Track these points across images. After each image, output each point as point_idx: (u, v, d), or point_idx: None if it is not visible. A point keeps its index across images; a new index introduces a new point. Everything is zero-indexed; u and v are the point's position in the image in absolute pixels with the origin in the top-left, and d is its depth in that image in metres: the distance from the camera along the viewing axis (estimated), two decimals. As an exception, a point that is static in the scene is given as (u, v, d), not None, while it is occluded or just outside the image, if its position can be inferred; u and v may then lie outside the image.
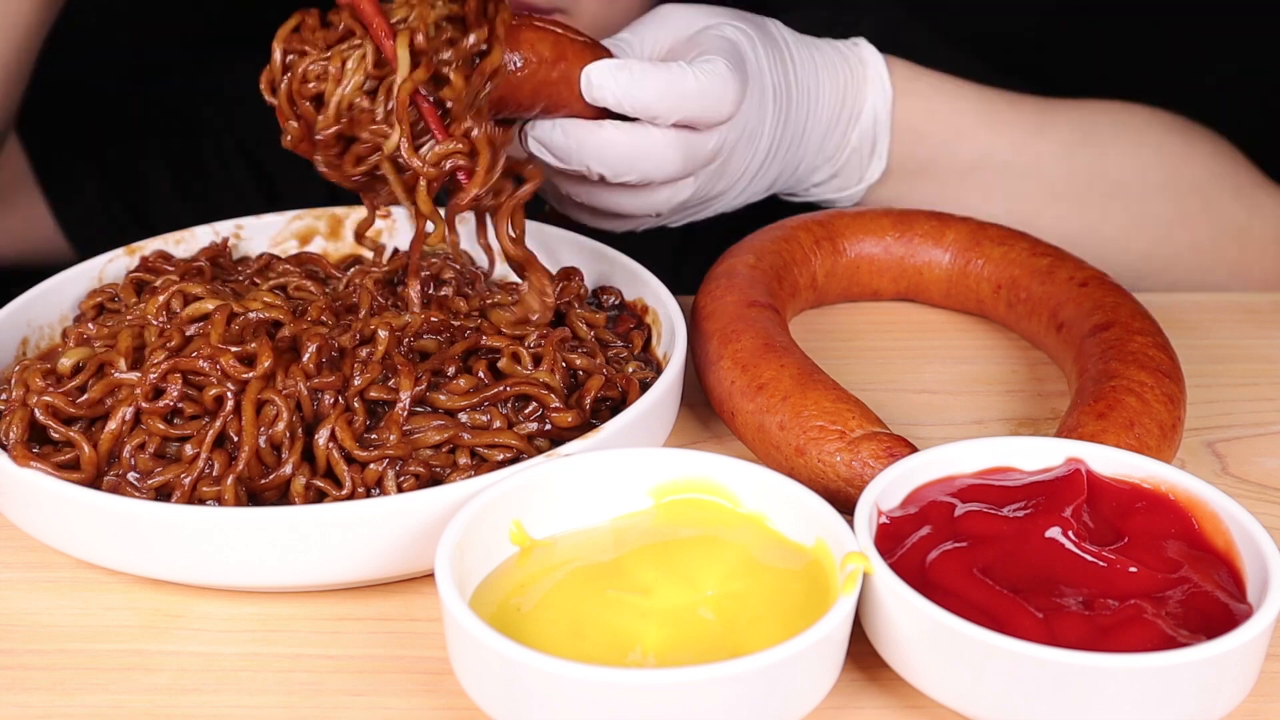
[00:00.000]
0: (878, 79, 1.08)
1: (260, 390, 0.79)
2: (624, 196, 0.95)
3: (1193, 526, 0.73)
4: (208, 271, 0.94)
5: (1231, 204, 1.19)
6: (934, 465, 0.76)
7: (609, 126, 0.91)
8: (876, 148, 1.09)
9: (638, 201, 0.96)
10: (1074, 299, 0.95)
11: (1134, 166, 1.16)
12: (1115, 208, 1.16)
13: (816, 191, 1.11)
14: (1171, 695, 0.64)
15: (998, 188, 1.14)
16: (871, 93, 1.07)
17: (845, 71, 1.06)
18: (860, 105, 1.07)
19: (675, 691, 0.62)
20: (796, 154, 1.04)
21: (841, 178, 1.10)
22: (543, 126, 0.91)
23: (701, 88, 0.90)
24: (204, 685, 0.72)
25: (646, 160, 0.92)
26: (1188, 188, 1.17)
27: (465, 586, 0.70)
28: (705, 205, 1.02)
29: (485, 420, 0.82)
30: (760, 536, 0.74)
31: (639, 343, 0.93)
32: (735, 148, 0.97)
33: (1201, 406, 0.94)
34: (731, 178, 1.00)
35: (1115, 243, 1.16)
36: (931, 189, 1.13)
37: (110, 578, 0.80)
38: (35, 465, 0.77)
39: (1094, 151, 1.16)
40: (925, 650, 0.67)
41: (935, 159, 1.12)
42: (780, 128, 1.01)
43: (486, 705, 0.67)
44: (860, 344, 1.03)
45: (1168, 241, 1.17)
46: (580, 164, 0.91)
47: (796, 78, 1.02)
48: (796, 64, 1.02)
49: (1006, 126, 1.14)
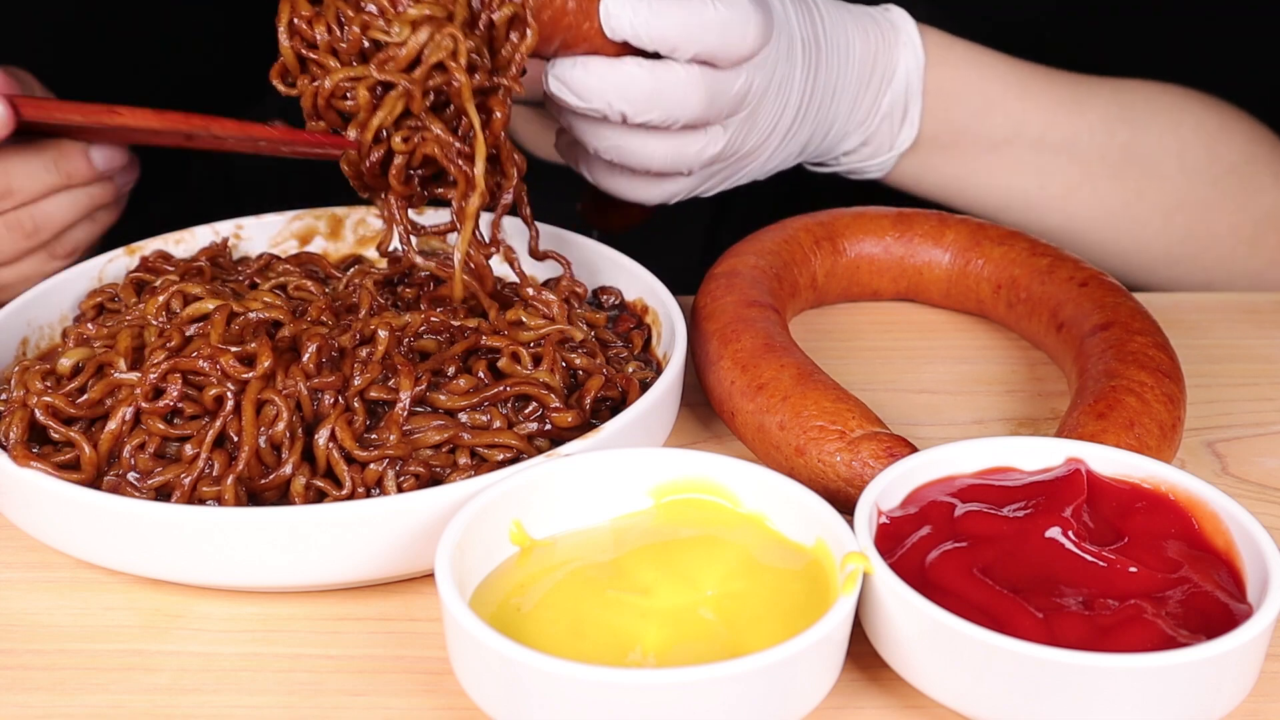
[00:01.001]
0: (910, 43, 1.06)
1: (260, 390, 0.79)
2: (652, 143, 0.93)
3: (1193, 526, 0.73)
4: (208, 271, 0.94)
5: (1272, 188, 1.16)
6: (934, 465, 0.76)
7: (629, 62, 0.89)
8: (908, 114, 1.07)
9: (666, 150, 0.93)
10: (1074, 299, 0.95)
11: (1172, 146, 1.14)
12: (1151, 187, 1.13)
13: (847, 160, 1.09)
14: (1171, 695, 0.64)
15: (1030, 162, 1.12)
16: (904, 56, 1.05)
17: (876, 33, 1.04)
18: (893, 68, 1.05)
19: (675, 691, 0.62)
20: (828, 115, 1.03)
21: (872, 145, 1.08)
22: (562, 64, 0.90)
23: (721, 19, 0.88)
24: (204, 685, 0.72)
25: (669, 97, 0.90)
26: (1225, 169, 1.15)
27: (465, 586, 0.70)
28: (737, 166, 1.00)
29: (485, 420, 0.82)
30: (760, 536, 0.74)
31: (639, 343, 0.93)
32: (764, 96, 0.95)
33: (1201, 406, 0.94)
34: (762, 132, 0.98)
35: (1150, 224, 1.14)
36: (961, 161, 1.11)
37: (110, 578, 0.80)
38: (35, 465, 0.77)
39: (1131, 129, 1.13)
40: (925, 650, 0.67)
41: (966, 129, 1.10)
42: (810, 82, 0.99)
43: (486, 705, 0.67)
44: (860, 344, 1.03)
45: (1204, 223, 1.15)
46: (602, 101, 0.90)
47: (826, 33, 0.99)
48: (826, 20, 1.00)
49: (1040, 99, 1.12)
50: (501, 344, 0.85)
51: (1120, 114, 1.13)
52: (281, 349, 0.82)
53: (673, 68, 0.89)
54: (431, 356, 0.84)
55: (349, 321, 0.86)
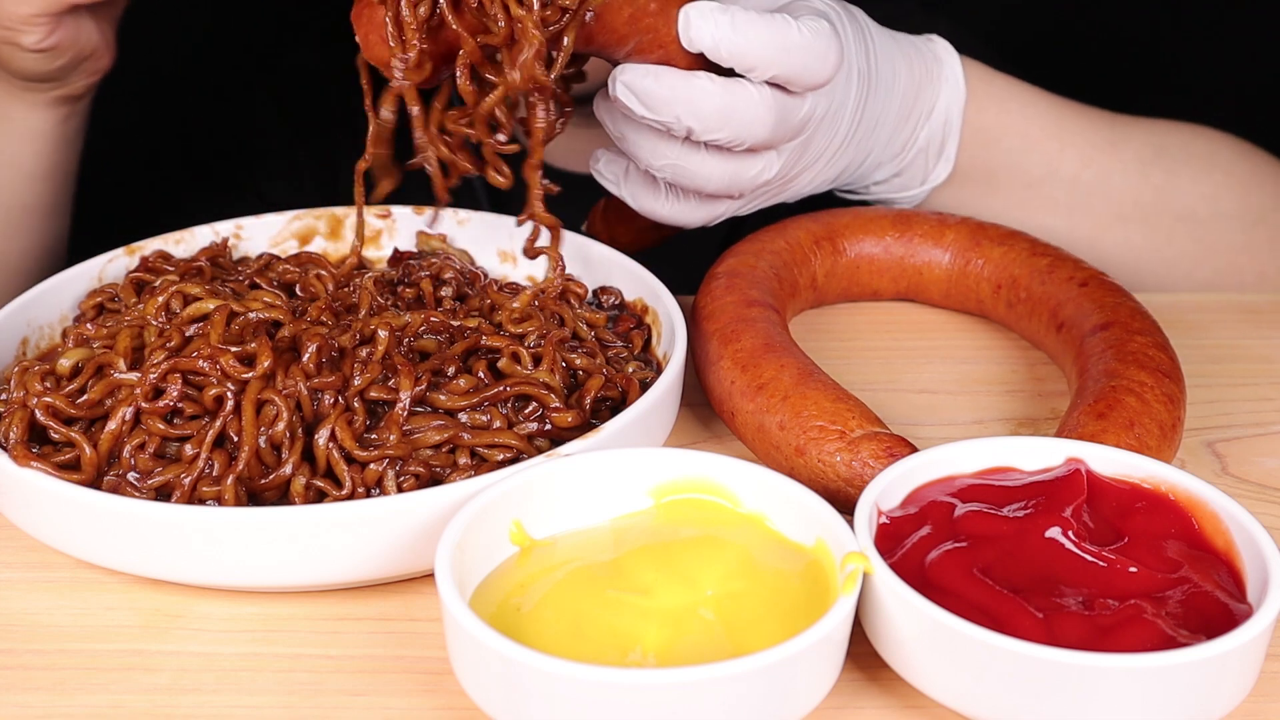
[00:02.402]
0: (953, 78, 1.04)
1: (260, 390, 0.79)
2: (711, 164, 0.91)
3: (1193, 526, 0.73)
4: (207, 271, 0.94)
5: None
6: (934, 465, 0.76)
7: (703, 76, 0.87)
8: (945, 149, 1.06)
9: (725, 172, 0.91)
10: (1074, 299, 0.95)
11: (1205, 191, 1.13)
12: (1182, 232, 1.12)
13: (877, 190, 1.08)
14: (1171, 695, 0.64)
15: (1062, 202, 1.11)
16: (945, 91, 1.04)
17: (921, 66, 1.03)
18: (933, 103, 1.04)
19: (675, 691, 0.62)
20: (867, 144, 1.01)
21: (904, 177, 1.07)
22: (633, 70, 0.87)
23: (805, 43, 0.86)
24: (204, 685, 0.72)
25: (740, 117, 0.87)
26: (1256, 217, 1.14)
27: (465, 586, 0.70)
28: (778, 190, 0.98)
29: (485, 420, 0.82)
30: (760, 536, 0.74)
31: (639, 343, 0.93)
32: (821, 123, 0.94)
33: (1201, 406, 0.94)
34: (811, 158, 0.96)
35: (1179, 268, 1.13)
36: (993, 198, 1.10)
37: (110, 578, 0.80)
38: (35, 465, 0.77)
39: (1164, 173, 1.12)
40: (925, 650, 0.67)
41: (1002, 167, 1.09)
42: (860, 111, 0.97)
43: (486, 705, 0.67)
44: (860, 344, 1.03)
45: (1234, 271, 1.14)
46: (670, 114, 0.87)
47: (877, 64, 0.98)
48: (878, 49, 0.99)
49: (1077, 139, 1.11)
50: (501, 344, 0.85)
51: (1154, 156, 1.12)
52: (281, 349, 0.82)
53: (746, 87, 0.87)
54: (431, 356, 0.85)
55: (349, 321, 0.86)
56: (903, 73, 1.01)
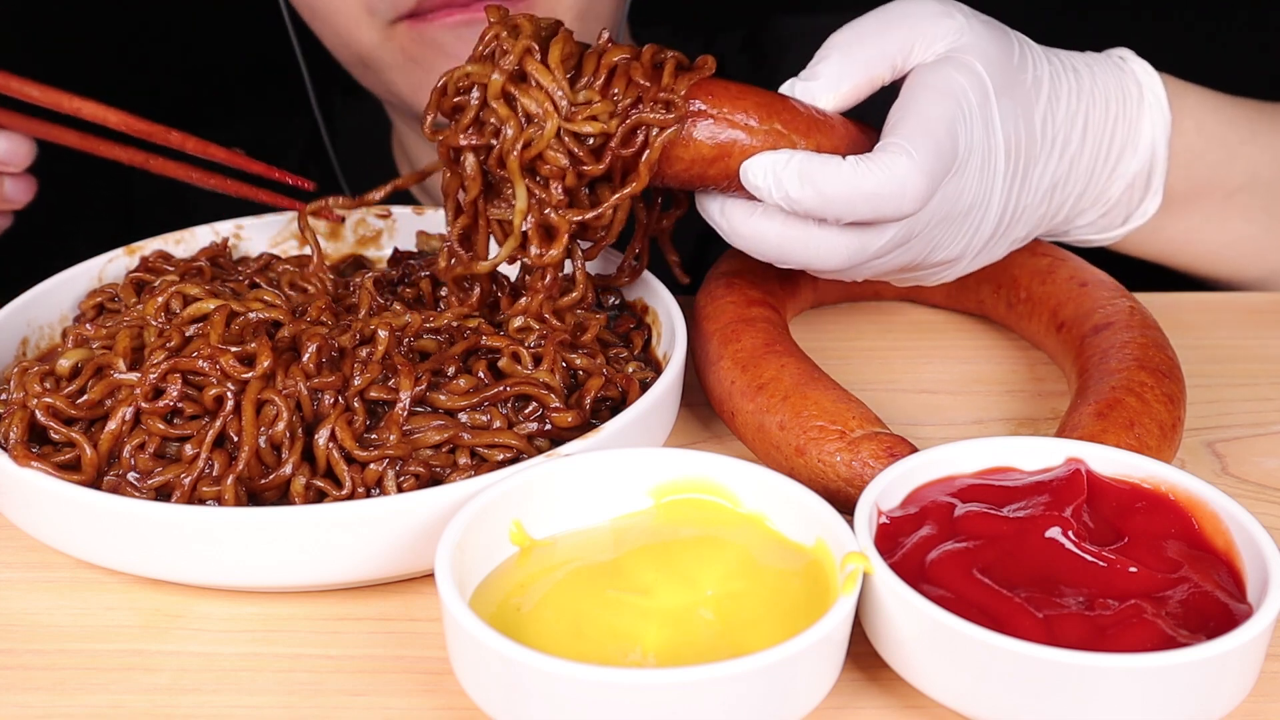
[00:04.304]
0: (1156, 103, 0.95)
1: (260, 390, 0.79)
2: None
3: (1193, 526, 0.73)
4: (207, 271, 0.94)
5: None
6: (934, 465, 0.76)
7: (759, 215, 0.83)
8: (1151, 183, 0.97)
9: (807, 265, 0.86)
10: (1074, 299, 0.95)
11: None
12: None
13: (1078, 233, 0.99)
14: (1171, 695, 0.64)
15: (1259, 206, 1.05)
16: (1148, 119, 0.95)
17: (1119, 96, 0.94)
18: (1135, 138, 0.94)
19: (675, 691, 0.62)
20: (1050, 207, 0.92)
21: (1109, 216, 0.98)
22: (708, 203, 0.85)
23: (876, 189, 0.79)
24: (204, 685, 0.72)
25: (804, 253, 0.82)
26: None
27: (465, 586, 0.70)
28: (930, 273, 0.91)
29: (485, 420, 0.82)
30: (760, 536, 0.74)
31: (639, 343, 0.92)
32: (937, 227, 0.85)
33: (1201, 406, 0.94)
34: (952, 249, 0.88)
35: None
36: (1193, 215, 1.04)
37: (110, 578, 0.80)
38: (35, 465, 0.77)
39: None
40: (925, 650, 0.67)
41: (1205, 182, 1.03)
42: (1017, 186, 0.88)
43: (486, 705, 0.67)
44: (860, 344, 1.03)
45: None
46: (740, 244, 0.84)
47: (1042, 126, 0.89)
48: (1047, 107, 0.89)
49: (1269, 138, 1.05)
50: (501, 344, 0.85)
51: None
52: (281, 349, 0.82)
53: (810, 227, 0.82)
54: (431, 356, 0.84)
55: (349, 321, 0.86)
56: (1094, 116, 0.92)
